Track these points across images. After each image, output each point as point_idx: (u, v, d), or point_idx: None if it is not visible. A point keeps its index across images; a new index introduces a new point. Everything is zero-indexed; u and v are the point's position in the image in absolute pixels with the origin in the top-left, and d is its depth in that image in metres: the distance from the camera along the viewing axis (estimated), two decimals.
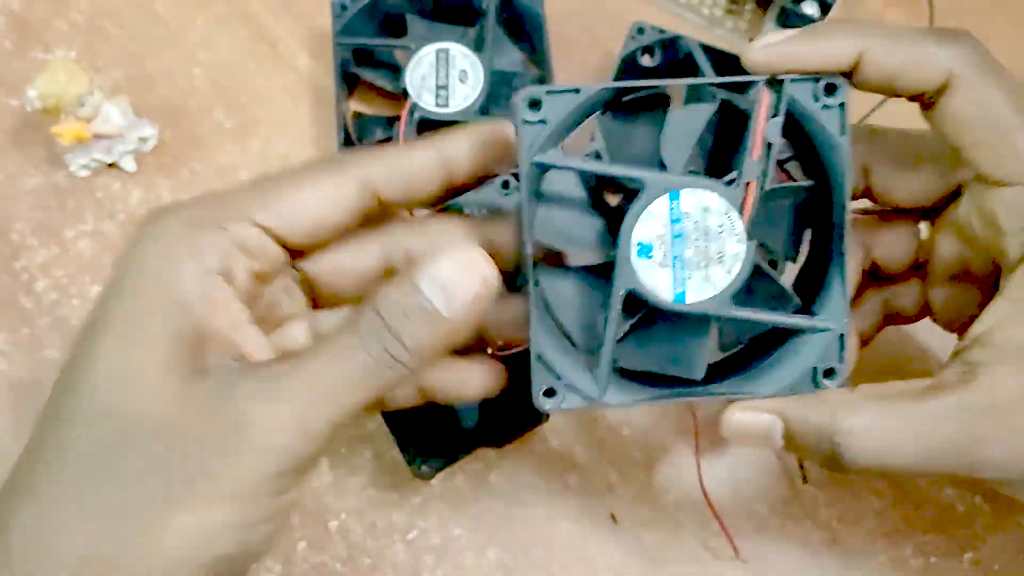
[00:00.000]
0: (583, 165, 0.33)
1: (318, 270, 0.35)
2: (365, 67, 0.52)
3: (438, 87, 0.49)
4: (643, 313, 0.34)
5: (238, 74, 0.55)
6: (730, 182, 0.32)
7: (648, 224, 0.32)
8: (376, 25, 0.53)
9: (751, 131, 0.32)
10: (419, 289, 0.30)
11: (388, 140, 0.49)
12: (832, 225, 0.34)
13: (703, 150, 0.34)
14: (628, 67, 0.50)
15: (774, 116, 0.32)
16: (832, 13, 0.52)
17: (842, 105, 0.33)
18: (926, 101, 0.34)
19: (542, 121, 0.32)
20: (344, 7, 0.51)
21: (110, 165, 0.52)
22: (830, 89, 0.33)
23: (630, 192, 0.33)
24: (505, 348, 0.38)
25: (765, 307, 0.34)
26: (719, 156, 0.34)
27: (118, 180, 0.52)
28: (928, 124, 0.34)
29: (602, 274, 0.34)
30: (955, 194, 0.36)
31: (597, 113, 0.34)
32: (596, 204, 0.35)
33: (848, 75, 0.33)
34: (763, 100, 0.32)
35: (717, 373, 0.35)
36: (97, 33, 0.55)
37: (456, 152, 0.34)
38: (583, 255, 0.35)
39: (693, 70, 0.50)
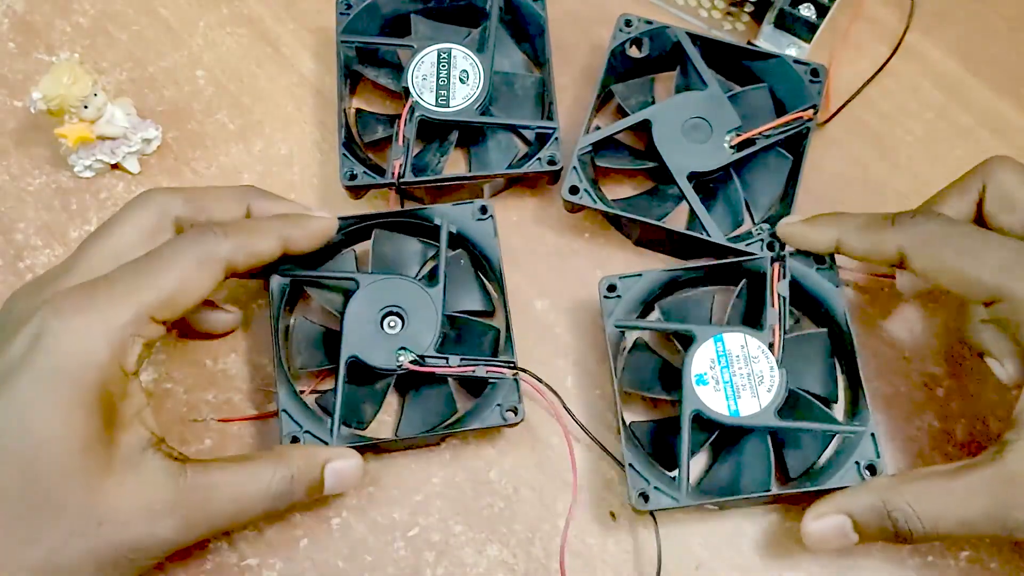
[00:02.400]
0: (648, 324, 0.46)
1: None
2: (367, 65, 0.52)
3: (439, 87, 0.49)
4: (716, 449, 0.45)
5: (241, 76, 0.55)
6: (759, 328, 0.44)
7: (701, 360, 0.43)
8: (379, 24, 0.53)
9: (768, 290, 0.44)
10: (324, 471, 0.41)
11: (388, 139, 0.49)
12: (849, 356, 0.44)
13: (739, 310, 0.46)
14: (617, 59, 0.51)
15: (783, 278, 0.44)
16: (830, 15, 0.53)
17: (831, 267, 0.45)
18: (900, 268, 0.42)
19: (618, 296, 0.45)
20: (348, 5, 0.51)
21: (114, 166, 0.52)
22: (819, 260, 0.45)
23: (686, 339, 0.44)
24: None
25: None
26: (751, 315, 0.46)
27: (122, 181, 0.52)
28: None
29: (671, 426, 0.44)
30: None
31: None
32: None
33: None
34: (774, 268, 0.44)
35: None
36: (101, 35, 0.56)
37: (296, 237, 0.43)
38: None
39: (681, 59, 0.51)
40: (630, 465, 0.42)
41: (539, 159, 0.48)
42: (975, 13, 0.56)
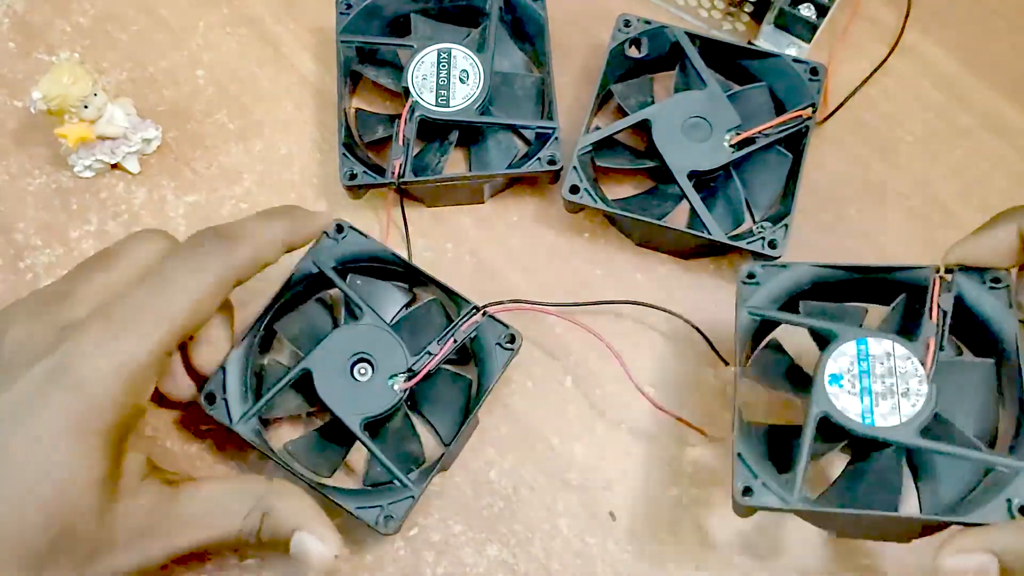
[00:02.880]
0: (784, 316, 0.42)
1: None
2: (367, 65, 0.52)
3: (439, 87, 0.49)
4: (848, 460, 0.41)
5: (241, 76, 0.55)
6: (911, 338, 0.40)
7: (839, 360, 0.39)
8: (379, 24, 0.53)
9: (928, 301, 0.40)
10: (292, 540, 0.39)
11: (388, 138, 0.50)
12: (1015, 384, 0.39)
13: (893, 324, 0.42)
14: (617, 59, 0.51)
15: (947, 292, 0.40)
16: (830, 15, 0.53)
17: (1007, 286, 0.40)
18: None
19: (756, 283, 0.42)
20: (348, 5, 0.51)
21: (114, 166, 0.52)
22: (995, 280, 0.40)
23: (824, 340, 0.41)
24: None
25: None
26: (906, 330, 0.41)
27: (122, 181, 0.52)
28: None
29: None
30: None
31: None
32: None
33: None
34: (936, 280, 0.40)
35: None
36: (101, 35, 0.56)
37: (296, 240, 0.42)
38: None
39: (681, 59, 0.51)
40: (738, 455, 0.38)
41: (539, 159, 0.48)
42: (975, 13, 0.56)
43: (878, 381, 0.39)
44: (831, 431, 0.39)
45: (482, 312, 0.44)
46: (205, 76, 0.55)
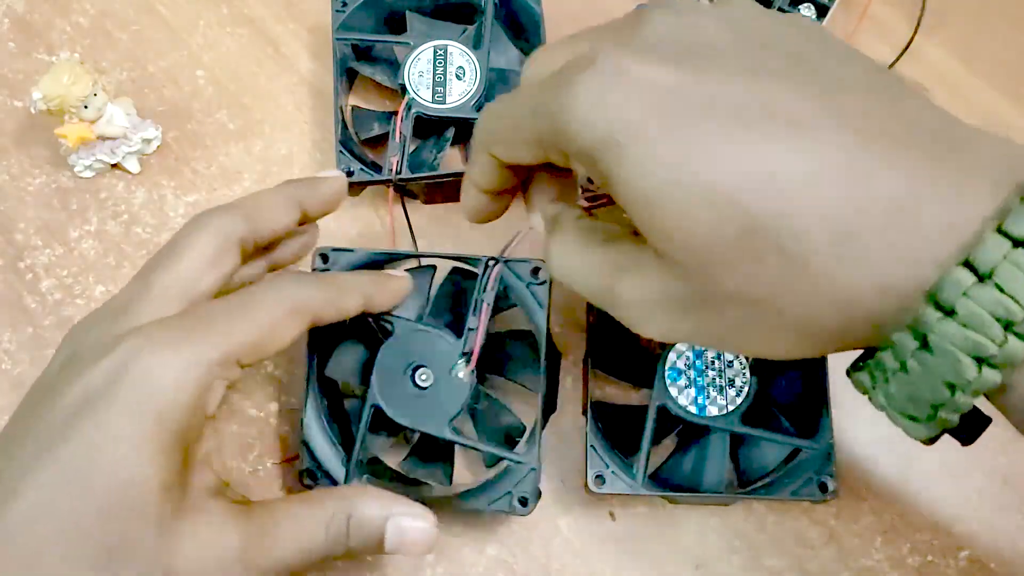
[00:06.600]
0: None
1: None
2: (364, 62, 0.52)
3: (435, 83, 0.49)
4: (679, 440, 0.45)
5: (241, 76, 0.55)
6: None
7: (678, 355, 0.44)
8: (376, 21, 0.53)
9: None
10: (387, 529, 0.37)
11: (384, 135, 0.50)
12: (822, 378, 0.44)
13: None
14: None
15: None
16: (829, 16, 0.53)
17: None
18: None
19: None
20: (344, 3, 0.51)
21: (114, 166, 0.52)
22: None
23: None
24: None
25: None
26: None
27: (122, 181, 0.52)
28: None
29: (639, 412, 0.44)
30: None
31: None
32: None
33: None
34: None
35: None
36: (101, 35, 0.56)
37: (378, 299, 0.42)
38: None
39: None
40: (591, 447, 0.42)
41: None
42: (976, 13, 0.56)
43: (709, 375, 0.44)
44: (669, 418, 0.44)
45: (495, 261, 0.43)
46: (205, 76, 0.55)
